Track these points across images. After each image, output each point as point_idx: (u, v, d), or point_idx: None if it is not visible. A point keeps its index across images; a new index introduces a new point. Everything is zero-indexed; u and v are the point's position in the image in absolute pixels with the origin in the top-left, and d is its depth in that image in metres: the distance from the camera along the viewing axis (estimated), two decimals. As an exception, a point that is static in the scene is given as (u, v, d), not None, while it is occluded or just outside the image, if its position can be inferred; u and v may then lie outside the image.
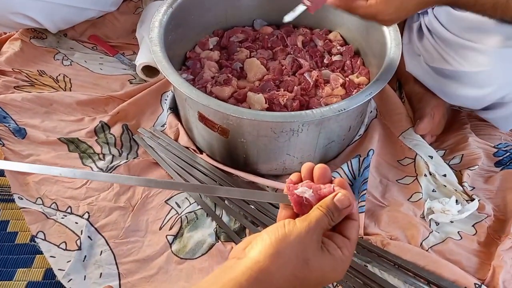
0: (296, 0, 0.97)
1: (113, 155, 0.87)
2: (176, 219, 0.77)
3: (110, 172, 0.83)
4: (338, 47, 0.96)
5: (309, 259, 0.40)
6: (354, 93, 0.85)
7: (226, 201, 0.80)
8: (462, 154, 0.87)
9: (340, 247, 0.42)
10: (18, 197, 0.78)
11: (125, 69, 1.05)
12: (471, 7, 0.66)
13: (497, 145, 0.89)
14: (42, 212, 0.77)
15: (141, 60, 0.98)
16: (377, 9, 0.64)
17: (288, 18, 0.72)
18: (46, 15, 0.99)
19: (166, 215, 0.78)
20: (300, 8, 0.71)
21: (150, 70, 1.00)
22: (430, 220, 0.78)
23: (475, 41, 0.77)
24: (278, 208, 0.78)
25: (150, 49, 0.77)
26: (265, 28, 1.01)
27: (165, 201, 0.80)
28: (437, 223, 0.78)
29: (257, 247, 0.40)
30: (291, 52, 0.95)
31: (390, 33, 0.82)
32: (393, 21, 0.68)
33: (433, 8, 0.88)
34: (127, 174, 0.83)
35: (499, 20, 0.69)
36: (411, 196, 0.82)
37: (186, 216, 0.78)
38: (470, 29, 0.78)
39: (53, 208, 0.78)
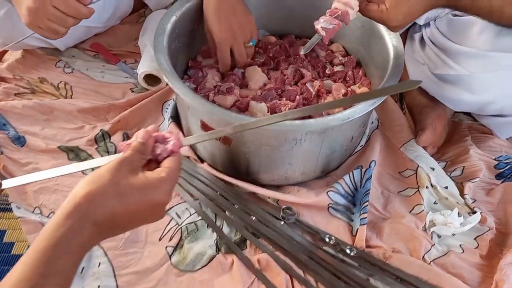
0: (296, 11, 0.98)
1: (113, 164, 0.86)
2: (176, 230, 0.77)
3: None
4: (340, 58, 0.96)
5: (120, 181, 0.46)
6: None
7: (227, 212, 0.79)
8: (463, 166, 0.87)
9: (158, 173, 0.49)
10: (16, 206, 0.77)
11: (127, 77, 1.05)
12: (468, 10, 0.70)
13: (498, 158, 0.89)
14: (40, 222, 0.76)
15: (143, 68, 0.98)
16: (388, 16, 0.68)
17: (304, 50, 0.73)
18: None
19: (166, 226, 0.77)
20: (315, 38, 0.72)
21: (152, 79, 1.00)
22: (432, 232, 0.77)
23: (475, 47, 0.79)
24: (279, 219, 0.77)
25: (155, 56, 0.77)
26: (268, 37, 1.01)
27: (165, 211, 0.79)
28: (439, 236, 0.77)
29: (78, 184, 0.47)
30: (293, 62, 0.95)
31: (393, 44, 0.82)
32: (401, 27, 0.71)
33: (435, 20, 0.89)
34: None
35: (496, 24, 0.71)
36: (413, 208, 0.82)
37: (186, 227, 0.77)
38: (470, 36, 0.80)
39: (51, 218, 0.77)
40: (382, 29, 0.85)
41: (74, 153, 0.87)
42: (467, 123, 0.96)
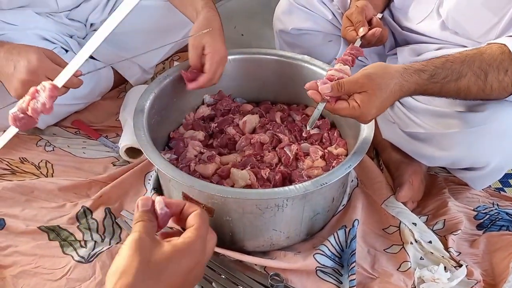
0: (271, 80, 1.04)
1: (95, 241, 0.84)
2: (162, 306, 0.74)
3: (92, 260, 0.80)
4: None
5: (150, 257, 0.43)
6: (334, 164, 0.87)
7: (213, 283, 0.77)
8: (444, 219, 0.88)
9: (185, 237, 0.46)
10: (-7, 294, 0.74)
11: (108, 151, 1.06)
12: (437, 95, 0.73)
13: (476, 208, 0.91)
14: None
15: (124, 142, 1.00)
16: (361, 112, 0.69)
17: (316, 114, 0.72)
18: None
19: (152, 303, 0.74)
20: (321, 105, 0.72)
21: (133, 151, 1.01)
22: (422, 290, 0.77)
23: (438, 106, 0.83)
24: (267, 287, 0.76)
25: (134, 133, 0.79)
26: (245, 105, 1.05)
27: (150, 288, 0.77)
28: (429, 293, 0.77)
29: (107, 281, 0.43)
30: (270, 128, 0.98)
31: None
32: (372, 119, 0.73)
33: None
34: (110, 261, 0.80)
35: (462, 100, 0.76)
36: (400, 266, 0.82)
37: (172, 302, 0.74)
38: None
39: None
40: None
41: (55, 233, 0.85)
42: (442, 175, 1.00)
